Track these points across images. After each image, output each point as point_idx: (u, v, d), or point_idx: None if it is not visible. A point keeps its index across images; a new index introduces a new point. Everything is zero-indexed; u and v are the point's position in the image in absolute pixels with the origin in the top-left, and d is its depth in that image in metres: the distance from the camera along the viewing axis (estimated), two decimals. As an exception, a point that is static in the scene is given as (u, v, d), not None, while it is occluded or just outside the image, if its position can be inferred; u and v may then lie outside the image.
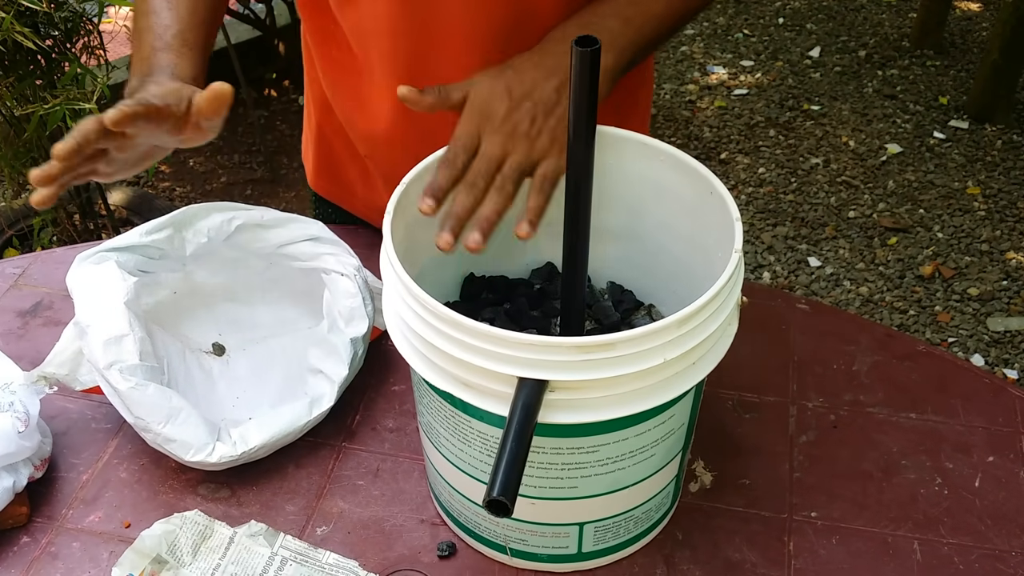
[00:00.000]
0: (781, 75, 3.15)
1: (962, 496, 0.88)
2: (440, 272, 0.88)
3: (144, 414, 0.83)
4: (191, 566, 0.79)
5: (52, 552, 0.83)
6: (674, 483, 0.82)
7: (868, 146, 2.83)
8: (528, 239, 0.73)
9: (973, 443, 0.92)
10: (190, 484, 0.89)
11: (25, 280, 1.11)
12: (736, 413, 0.95)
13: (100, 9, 1.73)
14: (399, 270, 0.70)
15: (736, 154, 2.83)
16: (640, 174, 0.83)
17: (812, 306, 1.06)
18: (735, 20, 3.46)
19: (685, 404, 0.75)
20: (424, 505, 0.87)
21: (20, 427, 0.82)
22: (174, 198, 2.70)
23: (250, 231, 0.94)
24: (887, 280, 2.40)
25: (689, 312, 0.66)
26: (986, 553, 0.83)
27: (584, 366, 0.65)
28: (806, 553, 0.83)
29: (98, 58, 1.85)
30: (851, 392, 0.97)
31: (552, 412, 0.67)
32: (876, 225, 2.56)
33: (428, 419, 0.78)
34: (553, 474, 0.73)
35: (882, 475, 0.90)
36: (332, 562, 0.81)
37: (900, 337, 1.04)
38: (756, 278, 2.43)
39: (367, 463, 0.91)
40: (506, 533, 0.80)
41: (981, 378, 0.99)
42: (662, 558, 0.83)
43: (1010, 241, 2.50)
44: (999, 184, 2.68)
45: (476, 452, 0.74)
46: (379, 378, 0.98)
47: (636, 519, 0.80)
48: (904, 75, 3.13)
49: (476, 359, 0.66)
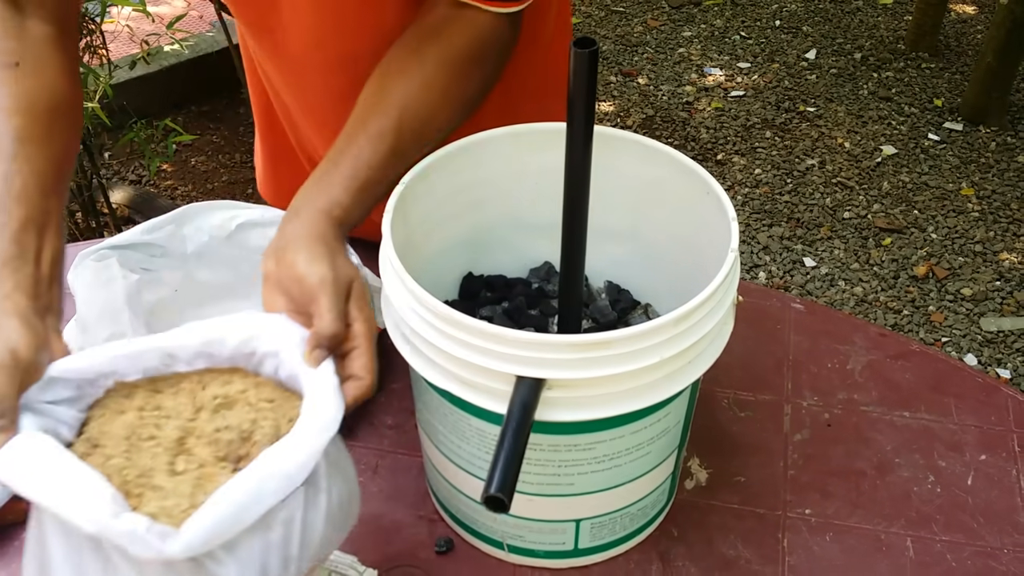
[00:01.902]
0: (777, 77, 3.16)
1: (955, 494, 0.89)
2: (439, 271, 0.88)
3: (145, 411, 0.84)
4: (191, 561, 0.80)
5: (53, 547, 0.84)
6: (670, 480, 0.83)
7: (863, 147, 2.84)
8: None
9: (966, 442, 0.93)
10: (190, 480, 0.89)
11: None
12: (731, 411, 0.96)
13: (103, 9, 1.74)
14: (398, 268, 0.70)
15: (732, 155, 2.84)
16: (637, 174, 0.84)
17: (807, 306, 1.07)
18: (732, 22, 3.47)
19: (681, 402, 0.75)
20: (422, 501, 0.88)
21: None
22: (176, 197, 2.70)
23: (251, 229, 0.94)
24: (881, 280, 2.41)
25: (685, 311, 0.67)
26: (978, 550, 0.84)
27: (581, 364, 0.66)
28: (800, 550, 0.84)
29: (100, 57, 1.85)
30: (845, 391, 0.98)
31: (549, 410, 0.67)
32: (871, 226, 2.57)
33: (427, 416, 0.79)
34: (550, 471, 0.74)
35: (876, 473, 0.91)
36: (331, 557, 0.81)
37: (894, 337, 1.05)
38: (752, 278, 2.44)
39: (366, 459, 0.91)
40: (503, 529, 0.81)
41: (974, 377, 0.99)
42: (657, 554, 0.84)
43: (1003, 242, 2.51)
44: (993, 185, 2.69)
45: (474, 449, 0.75)
46: (378, 375, 0.99)
47: (632, 516, 0.81)
48: (899, 77, 3.14)
49: (474, 357, 0.67)
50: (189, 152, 2.87)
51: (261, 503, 0.56)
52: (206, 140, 2.91)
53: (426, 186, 0.80)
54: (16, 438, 0.59)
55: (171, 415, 0.64)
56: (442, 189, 0.83)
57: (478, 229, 0.90)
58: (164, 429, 0.63)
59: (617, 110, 3.05)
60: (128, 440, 0.62)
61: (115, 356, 0.65)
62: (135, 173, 2.79)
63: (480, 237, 0.91)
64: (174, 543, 0.54)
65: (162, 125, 2.05)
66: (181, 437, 0.63)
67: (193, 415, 0.64)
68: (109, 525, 0.54)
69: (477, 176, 0.85)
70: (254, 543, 0.58)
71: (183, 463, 0.61)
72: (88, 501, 0.55)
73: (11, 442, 0.59)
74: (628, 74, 3.22)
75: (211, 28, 3.09)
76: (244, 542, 0.58)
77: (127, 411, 0.64)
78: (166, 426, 0.63)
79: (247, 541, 0.58)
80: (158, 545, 0.54)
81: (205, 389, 0.66)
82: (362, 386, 0.68)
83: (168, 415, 0.64)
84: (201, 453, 0.62)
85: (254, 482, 0.56)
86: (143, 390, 0.66)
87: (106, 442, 0.62)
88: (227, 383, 0.66)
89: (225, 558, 0.57)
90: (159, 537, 0.54)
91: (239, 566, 0.58)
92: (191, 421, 0.64)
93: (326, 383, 0.64)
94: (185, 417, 0.64)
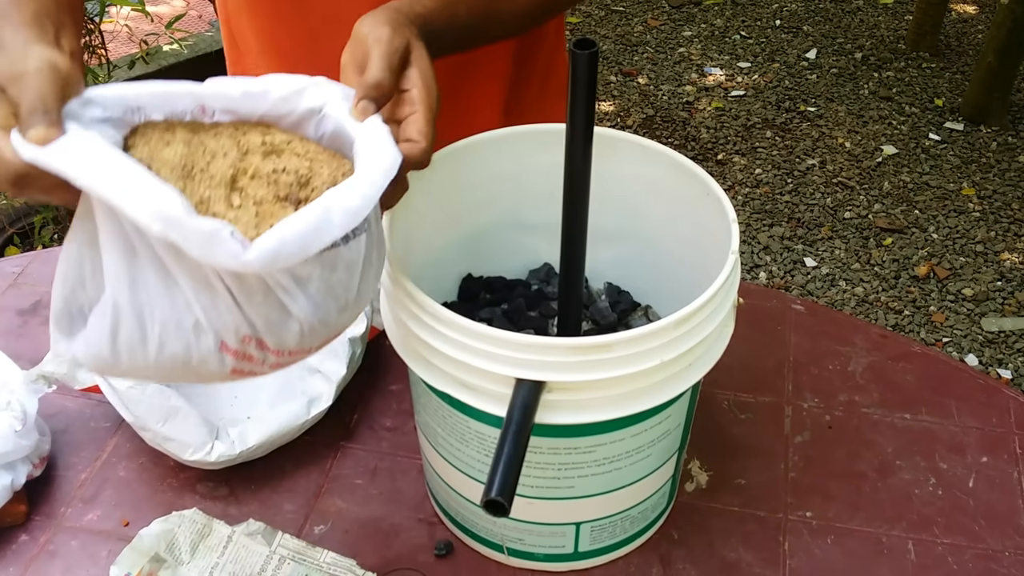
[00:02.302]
0: (778, 77, 3.16)
1: (956, 496, 0.88)
2: (438, 272, 0.88)
3: (143, 413, 0.84)
4: (189, 564, 0.80)
5: (51, 550, 0.84)
6: (670, 483, 0.83)
7: (864, 147, 2.84)
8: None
9: (967, 444, 0.93)
10: (188, 483, 0.89)
11: (25, 279, 1.11)
12: (732, 413, 0.96)
13: (101, 8, 1.73)
14: (397, 270, 0.70)
15: (733, 155, 2.83)
16: (637, 175, 0.84)
17: (807, 307, 1.07)
18: (732, 22, 3.47)
19: (681, 405, 0.75)
20: (422, 504, 0.88)
21: (17, 426, 0.83)
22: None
23: None
24: (882, 280, 2.41)
25: (686, 313, 0.67)
26: (980, 553, 0.84)
27: (581, 367, 0.65)
28: (801, 553, 0.84)
29: (99, 57, 1.85)
30: (846, 393, 0.98)
31: (549, 412, 0.67)
32: (872, 226, 2.57)
33: (426, 419, 0.78)
34: (550, 474, 0.74)
35: (877, 475, 0.90)
36: (330, 561, 0.81)
37: (895, 338, 1.04)
38: (752, 278, 2.44)
39: (365, 462, 0.91)
40: (503, 532, 0.80)
41: (975, 379, 0.99)
42: (658, 558, 0.84)
43: (1004, 242, 2.51)
44: (994, 185, 2.69)
45: (474, 452, 0.75)
46: (377, 377, 0.99)
47: (632, 519, 0.81)
48: (900, 77, 3.14)
49: (474, 360, 0.66)
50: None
51: (329, 232, 0.54)
52: (205, 140, 2.91)
53: (425, 187, 0.80)
54: (70, 133, 0.54)
55: (218, 154, 0.60)
56: (441, 190, 0.82)
57: (477, 230, 0.90)
58: (215, 166, 0.59)
59: (617, 110, 3.05)
60: (182, 169, 0.58)
61: (144, 92, 0.60)
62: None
63: (479, 238, 0.90)
64: (251, 251, 0.51)
65: (161, 125, 2.05)
66: (234, 175, 0.59)
67: (240, 157, 0.60)
68: (185, 223, 0.50)
69: (476, 177, 0.85)
70: (320, 280, 0.57)
71: (238, 199, 0.58)
72: (158, 198, 0.51)
73: (64, 136, 0.54)
74: (628, 74, 3.22)
75: (210, 28, 3.09)
76: (312, 277, 0.57)
77: (172, 144, 0.59)
78: (215, 164, 0.59)
79: (314, 276, 0.57)
80: (238, 249, 0.51)
81: (246, 135, 0.62)
82: (416, 149, 0.64)
83: (215, 154, 0.60)
84: (258, 191, 0.58)
85: (321, 211, 0.54)
86: (181, 128, 0.60)
87: (158, 167, 0.57)
88: (267, 133, 0.62)
89: (293, 289, 0.56)
90: (240, 243, 0.51)
91: (306, 300, 0.57)
92: (241, 162, 0.60)
93: (378, 132, 0.61)
94: (233, 157, 0.60)
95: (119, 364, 0.58)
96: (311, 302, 0.58)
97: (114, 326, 0.56)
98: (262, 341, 0.58)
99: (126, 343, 0.57)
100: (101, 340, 0.57)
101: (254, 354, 0.58)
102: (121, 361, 0.58)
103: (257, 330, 0.57)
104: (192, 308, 0.56)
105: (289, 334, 0.58)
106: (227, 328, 0.56)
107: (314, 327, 0.59)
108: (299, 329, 0.58)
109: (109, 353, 0.57)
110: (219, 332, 0.56)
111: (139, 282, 0.55)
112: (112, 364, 0.58)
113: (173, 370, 0.58)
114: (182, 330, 0.56)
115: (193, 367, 0.58)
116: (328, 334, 0.62)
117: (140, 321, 0.56)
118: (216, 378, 0.60)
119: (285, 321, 0.58)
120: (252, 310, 0.56)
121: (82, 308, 0.59)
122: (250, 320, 0.57)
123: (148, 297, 0.55)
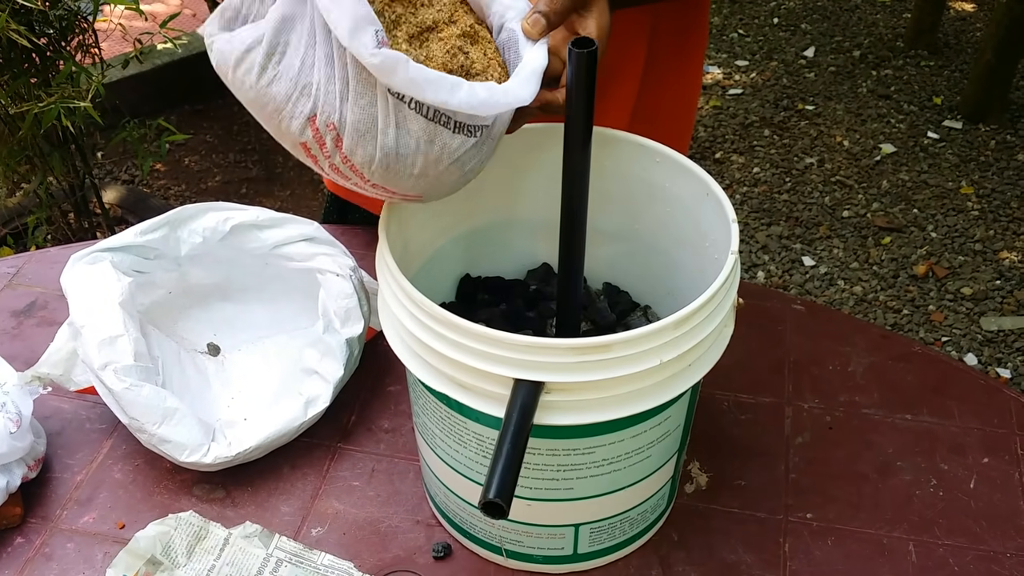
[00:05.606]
0: (776, 75, 3.16)
1: (957, 497, 0.88)
2: (436, 273, 0.88)
3: (139, 415, 0.83)
4: (185, 567, 0.79)
5: (46, 553, 0.83)
6: (670, 484, 0.82)
7: (862, 146, 2.84)
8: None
9: (968, 444, 0.93)
10: (185, 485, 0.88)
11: (19, 280, 1.10)
12: (732, 414, 0.95)
13: (95, 7, 1.72)
14: (395, 271, 0.70)
15: (731, 153, 2.83)
16: (636, 175, 0.83)
17: (807, 307, 1.06)
18: (730, 20, 3.46)
19: (681, 406, 0.75)
20: (419, 506, 0.87)
21: (12, 427, 0.82)
22: (169, 197, 2.69)
23: (245, 231, 0.93)
24: (881, 279, 2.41)
25: (686, 314, 0.66)
26: (981, 554, 0.83)
27: (580, 368, 0.65)
28: (801, 554, 0.83)
29: (93, 56, 1.84)
30: (846, 393, 0.97)
31: (548, 414, 0.67)
32: (870, 225, 2.57)
33: (424, 420, 0.78)
34: (549, 475, 0.73)
35: (877, 476, 0.90)
36: (327, 563, 0.80)
37: (895, 338, 1.04)
38: (750, 277, 2.44)
39: (362, 464, 0.91)
40: (502, 534, 0.80)
41: (976, 379, 0.99)
42: (658, 559, 0.83)
43: (1003, 241, 2.50)
44: (992, 184, 2.68)
45: (472, 453, 0.74)
46: (375, 379, 0.98)
47: (632, 520, 0.80)
48: (898, 75, 3.13)
49: (472, 360, 0.66)
50: (182, 152, 2.86)
51: (454, 95, 0.63)
52: (200, 139, 2.90)
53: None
54: None
55: (432, 7, 0.70)
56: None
57: (475, 230, 0.89)
58: (423, 12, 0.70)
59: (615, 109, 3.04)
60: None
61: None
62: (128, 173, 2.77)
63: (477, 238, 0.90)
64: (380, 55, 0.60)
65: (155, 124, 2.04)
66: (430, 27, 0.70)
67: (447, 23, 0.71)
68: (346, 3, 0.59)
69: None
70: (416, 137, 0.66)
71: (417, 45, 0.69)
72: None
73: None
74: (626, 72, 3.21)
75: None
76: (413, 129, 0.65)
77: None
78: (423, 12, 0.70)
79: (415, 130, 0.65)
80: (372, 43, 0.60)
81: (466, 14, 0.72)
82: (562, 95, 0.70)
83: (432, 4, 0.70)
84: (435, 52, 0.69)
85: (457, 80, 0.64)
86: None
87: None
88: (479, 22, 0.73)
89: (391, 123, 0.65)
90: (379, 43, 0.60)
91: (395, 139, 0.65)
92: (446, 24, 0.70)
93: (539, 62, 0.69)
94: (442, 17, 0.70)
95: (232, 75, 0.66)
96: (397, 144, 0.65)
97: (251, 44, 0.64)
98: (341, 138, 0.65)
99: (251, 62, 0.64)
100: (237, 48, 0.65)
101: (328, 144, 0.66)
102: (237, 74, 0.65)
103: (345, 126, 0.65)
104: (313, 72, 0.64)
105: (364, 148, 0.66)
106: (326, 106, 0.64)
107: (384, 162, 0.66)
108: (373, 152, 0.66)
109: (234, 60, 0.65)
110: (317, 105, 0.64)
111: (288, 27, 0.64)
112: (226, 71, 0.66)
113: (263, 109, 0.66)
114: (294, 84, 0.64)
115: (283, 115, 0.65)
116: (386, 181, 0.68)
117: (271, 53, 0.64)
118: (287, 140, 0.67)
119: (369, 138, 0.65)
120: (355, 107, 0.64)
121: (246, 16, 0.67)
122: (344, 114, 0.64)
123: (288, 41, 0.64)
